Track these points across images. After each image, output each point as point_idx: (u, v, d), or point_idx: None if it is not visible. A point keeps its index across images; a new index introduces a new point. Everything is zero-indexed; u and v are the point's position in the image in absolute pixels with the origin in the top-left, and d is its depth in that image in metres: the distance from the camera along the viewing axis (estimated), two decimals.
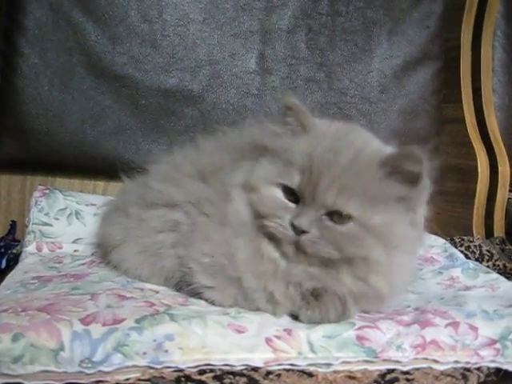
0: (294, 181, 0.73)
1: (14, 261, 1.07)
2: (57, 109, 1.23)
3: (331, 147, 0.74)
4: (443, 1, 1.41)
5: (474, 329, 0.75)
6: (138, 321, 0.69)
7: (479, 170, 1.32)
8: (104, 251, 0.97)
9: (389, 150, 0.77)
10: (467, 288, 0.98)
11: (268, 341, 0.69)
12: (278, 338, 0.70)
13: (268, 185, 0.75)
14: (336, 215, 0.72)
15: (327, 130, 0.78)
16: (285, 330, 0.71)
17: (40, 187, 1.19)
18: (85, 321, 0.68)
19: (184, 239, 0.81)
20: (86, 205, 1.17)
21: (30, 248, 1.07)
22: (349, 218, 0.72)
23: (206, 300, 0.79)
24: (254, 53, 1.32)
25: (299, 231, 0.72)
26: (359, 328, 0.73)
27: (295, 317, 0.77)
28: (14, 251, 1.09)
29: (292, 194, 0.74)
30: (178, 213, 0.84)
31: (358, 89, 1.36)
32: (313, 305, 0.75)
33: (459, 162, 1.37)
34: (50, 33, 1.22)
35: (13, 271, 0.95)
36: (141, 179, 0.96)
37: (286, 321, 0.76)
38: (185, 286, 0.83)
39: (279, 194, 0.75)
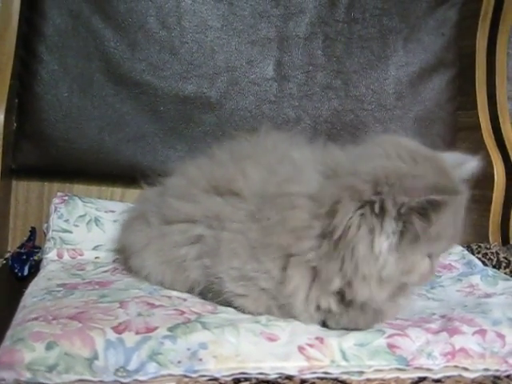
0: (442, 248, 0.78)
1: (34, 268, 1.07)
2: (76, 115, 1.22)
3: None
4: (458, 8, 1.41)
5: (501, 336, 0.76)
6: (170, 329, 0.69)
7: (495, 176, 1.32)
8: (125, 257, 0.98)
9: None
10: (487, 295, 0.98)
11: (301, 349, 0.70)
12: (311, 346, 0.70)
13: (422, 258, 0.75)
14: None
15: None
16: (316, 338, 0.72)
17: (59, 194, 1.20)
18: (117, 329, 0.69)
19: (210, 250, 0.81)
20: (106, 211, 1.17)
21: (51, 255, 1.07)
22: None
23: (236, 308, 0.79)
24: (271, 60, 1.32)
25: None
26: (389, 336, 0.73)
27: (323, 323, 0.77)
28: (35, 258, 1.09)
29: None
30: (199, 227, 0.83)
31: (374, 96, 1.36)
32: (341, 310, 0.75)
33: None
34: (69, 39, 1.22)
35: (36, 278, 0.95)
36: (159, 190, 0.96)
37: (315, 328, 0.76)
38: (209, 294, 0.84)
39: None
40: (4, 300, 0.92)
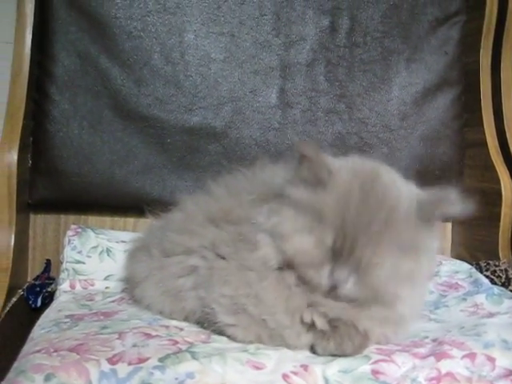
0: (328, 240, 0.72)
1: (49, 299, 1.12)
2: (87, 151, 1.28)
3: (363, 205, 0.72)
4: (460, 26, 1.41)
5: (491, 360, 0.76)
6: (161, 359, 0.72)
7: (503, 193, 1.31)
8: (130, 286, 1.02)
9: (416, 191, 0.78)
10: (491, 315, 0.98)
11: (285, 377, 0.71)
12: (295, 373, 0.72)
13: (301, 234, 0.74)
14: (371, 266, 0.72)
15: (351, 180, 0.74)
16: (301, 365, 0.73)
17: (73, 226, 1.25)
18: (112, 360, 0.72)
19: (204, 281, 0.84)
20: (117, 242, 1.22)
21: (64, 286, 1.12)
22: (381, 267, 0.72)
23: (229, 337, 0.81)
24: (274, 88, 1.35)
25: (335, 284, 0.73)
26: (375, 362, 0.75)
27: (312, 348, 0.79)
28: (49, 289, 1.14)
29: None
30: (194, 258, 0.87)
31: (378, 118, 1.38)
32: (328, 335, 0.77)
33: (483, 186, 1.36)
34: (78, 79, 1.28)
35: (47, 310, 1.00)
36: (161, 223, 1.00)
37: (303, 355, 0.77)
38: (206, 323, 0.86)
39: (312, 243, 0.73)
40: (18, 331, 0.96)
